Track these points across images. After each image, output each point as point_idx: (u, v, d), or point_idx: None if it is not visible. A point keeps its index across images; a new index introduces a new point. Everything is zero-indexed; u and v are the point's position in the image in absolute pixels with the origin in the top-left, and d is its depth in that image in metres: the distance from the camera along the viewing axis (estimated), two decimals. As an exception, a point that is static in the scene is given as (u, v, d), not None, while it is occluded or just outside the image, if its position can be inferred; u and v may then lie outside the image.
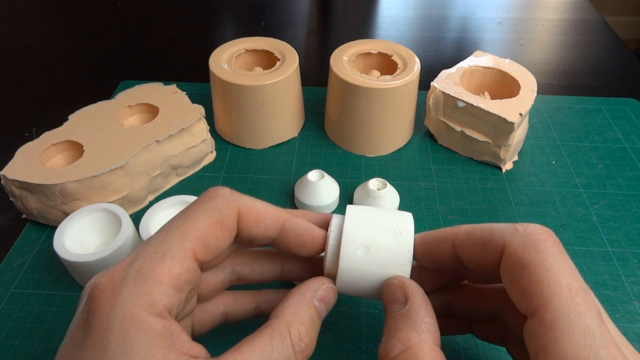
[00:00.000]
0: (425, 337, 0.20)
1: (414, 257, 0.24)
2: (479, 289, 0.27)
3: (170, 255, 0.20)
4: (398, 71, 0.43)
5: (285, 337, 0.20)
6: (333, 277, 0.24)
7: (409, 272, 0.23)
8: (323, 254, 0.26)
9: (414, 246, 0.24)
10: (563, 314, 0.18)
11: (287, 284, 0.34)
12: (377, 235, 0.23)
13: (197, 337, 0.25)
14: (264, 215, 0.23)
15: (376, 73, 0.45)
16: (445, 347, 0.30)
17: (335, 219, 0.25)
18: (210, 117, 0.47)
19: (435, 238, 0.24)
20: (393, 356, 0.20)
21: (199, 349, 0.20)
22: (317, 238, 0.24)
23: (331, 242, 0.24)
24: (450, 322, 0.28)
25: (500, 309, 0.26)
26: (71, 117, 0.40)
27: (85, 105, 0.42)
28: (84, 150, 0.37)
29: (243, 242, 0.24)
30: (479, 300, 0.26)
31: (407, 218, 0.25)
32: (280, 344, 0.20)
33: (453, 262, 0.23)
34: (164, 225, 0.21)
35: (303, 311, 0.22)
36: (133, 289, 0.19)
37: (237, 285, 0.27)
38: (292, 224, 0.24)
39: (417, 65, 0.43)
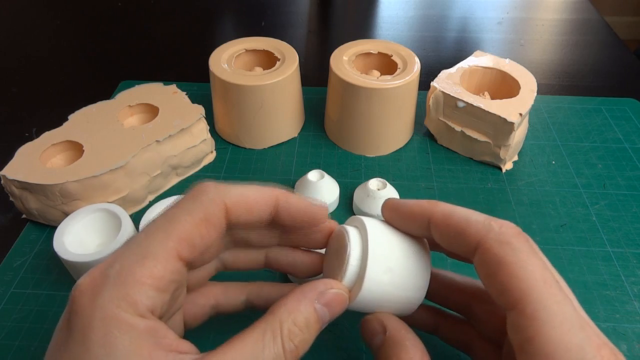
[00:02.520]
0: (414, 352, 0.22)
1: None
2: (451, 279, 0.27)
3: (153, 257, 0.19)
4: (398, 71, 0.43)
5: (277, 335, 0.20)
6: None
7: (424, 294, 0.24)
8: (323, 250, 0.26)
9: (383, 212, 0.25)
10: (542, 304, 0.19)
11: (279, 277, 0.34)
12: (401, 258, 0.23)
13: (189, 330, 0.26)
14: (254, 202, 0.22)
15: (376, 73, 0.45)
16: (445, 348, 0.30)
17: (353, 235, 0.24)
18: (210, 117, 0.47)
19: (410, 210, 0.24)
20: None
21: (187, 346, 0.19)
22: (315, 212, 0.24)
23: (352, 261, 0.23)
24: (416, 316, 0.28)
25: (470, 304, 0.26)
26: (71, 117, 0.40)
27: (85, 105, 0.42)
28: (84, 150, 0.37)
29: (240, 230, 0.24)
30: (449, 290, 0.27)
31: (424, 241, 0.25)
32: (271, 341, 0.19)
33: (424, 234, 0.24)
34: (146, 226, 0.21)
35: (299, 310, 0.21)
36: (114, 290, 0.18)
37: (227, 276, 0.27)
38: (285, 202, 0.23)
39: (417, 65, 0.43)
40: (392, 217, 0.25)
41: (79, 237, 0.33)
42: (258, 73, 0.43)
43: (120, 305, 0.18)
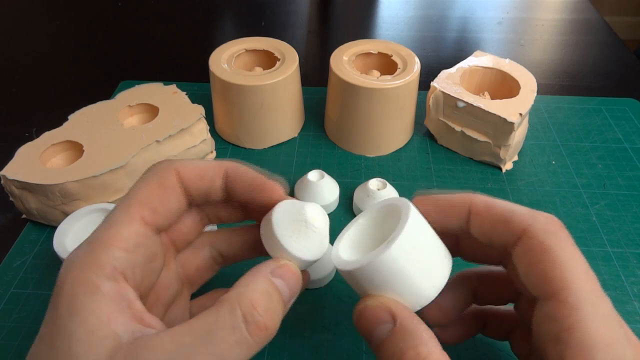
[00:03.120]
0: (433, 345, 0.20)
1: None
2: (503, 275, 0.26)
3: (116, 222, 0.21)
4: (398, 71, 0.43)
5: (234, 307, 0.19)
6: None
7: (434, 297, 0.22)
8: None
9: (417, 205, 0.24)
10: (585, 296, 0.19)
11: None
12: (430, 243, 0.23)
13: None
14: (205, 168, 0.23)
15: (376, 73, 0.45)
16: (444, 348, 0.30)
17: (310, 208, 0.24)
18: (210, 117, 0.47)
19: (450, 201, 0.23)
20: None
21: (156, 322, 0.19)
22: (265, 183, 0.24)
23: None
24: (465, 326, 0.27)
25: (517, 297, 0.26)
26: (71, 117, 0.40)
27: (85, 105, 0.42)
28: (84, 150, 0.37)
29: (202, 201, 0.24)
30: (503, 286, 0.26)
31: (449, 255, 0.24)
32: (226, 312, 0.18)
33: (459, 226, 0.23)
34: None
35: (256, 282, 0.20)
36: (85, 256, 0.19)
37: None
38: (234, 169, 0.24)
39: (417, 65, 0.43)
40: (426, 209, 0.24)
41: (79, 237, 0.33)
42: (258, 73, 0.43)
43: (90, 269, 0.19)
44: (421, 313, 0.23)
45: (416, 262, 0.21)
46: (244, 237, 0.27)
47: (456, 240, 0.26)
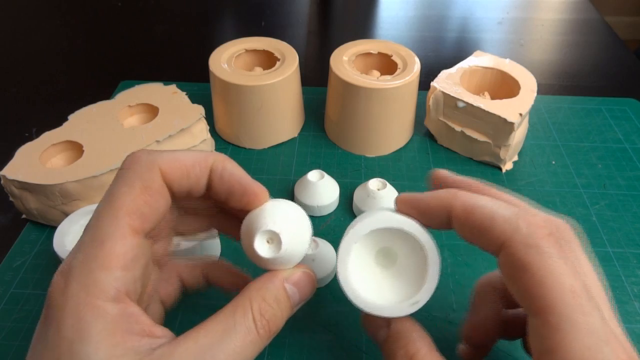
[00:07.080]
0: (421, 344, 0.22)
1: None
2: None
3: (108, 238, 0.19)
4: (398, 71, 0.43)
5: (247, 311, 0.20)
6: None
7: None
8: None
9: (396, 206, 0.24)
10: (567, 316, 0.18)
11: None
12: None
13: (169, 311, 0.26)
14: (191, 165, 0.22)
15: (376, 73, 0.45)
16: (444, 349, 0.30)
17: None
18: (210, 117, 0.47)
19: (428, 205, 0.23)
20: None
21: (162, 331, 0.20)
22: (247, 186, 0.22)
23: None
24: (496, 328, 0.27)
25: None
26: (71, 117, 0.40)
27: (85, 105, 0.42)
28: (83, 150, 0.37)
29: (183, 199, 0.23)
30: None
31: None
32: (242, 317, 0.20)
33: (444, 227, 0.23)
34: (95, 209, 0.21)
35: (268, 288, 0.22)
36: (81, 278, 0.18)
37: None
38: (220, 167, 0.22)
39: (417, 66, 0.43)
40: (408, 212, 0.23)
41: (79, 238, 0.33)
42: (258, 73, 0.43)
43: (91, 292, 0.18)
44: (467, 339, 0.26)
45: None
46: (202, 270, 0.27)
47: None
